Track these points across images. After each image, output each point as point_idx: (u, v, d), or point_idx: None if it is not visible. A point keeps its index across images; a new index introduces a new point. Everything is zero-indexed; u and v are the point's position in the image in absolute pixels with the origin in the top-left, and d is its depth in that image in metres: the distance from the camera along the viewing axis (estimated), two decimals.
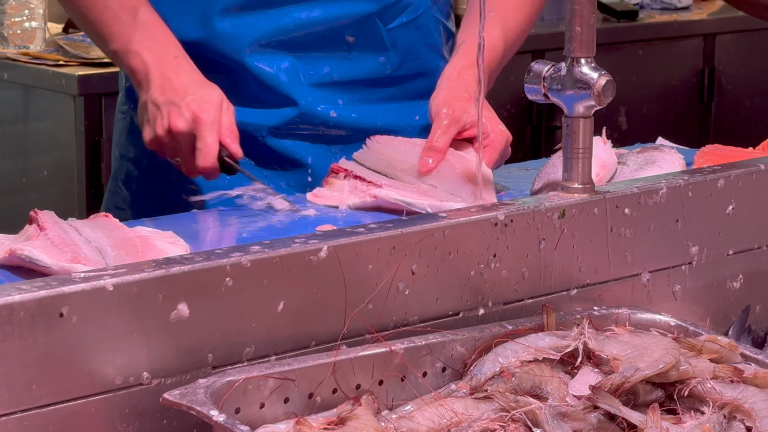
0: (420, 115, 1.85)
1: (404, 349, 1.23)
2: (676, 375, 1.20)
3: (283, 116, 1.80)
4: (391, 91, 1.86)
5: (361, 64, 1.82)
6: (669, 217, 1.46)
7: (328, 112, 1.81)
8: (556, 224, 1.37)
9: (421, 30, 1.86)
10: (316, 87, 1.80)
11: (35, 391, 1.08)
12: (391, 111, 1.85)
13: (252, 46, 1.77)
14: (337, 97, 1.82)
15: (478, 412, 1.17)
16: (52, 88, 2.99)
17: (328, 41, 1.80)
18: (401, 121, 1.85)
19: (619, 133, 3.85)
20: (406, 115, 1.86)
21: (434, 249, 1.29)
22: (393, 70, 1.84)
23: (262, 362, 1.19)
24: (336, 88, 1.81)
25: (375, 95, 1.84)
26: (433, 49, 1.88)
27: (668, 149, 1.76)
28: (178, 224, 1.55)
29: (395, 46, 1.83)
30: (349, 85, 1.82)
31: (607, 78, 1.39)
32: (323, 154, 1.82)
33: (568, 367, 1.26)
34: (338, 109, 1.81)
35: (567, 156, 1.42)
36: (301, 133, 1.81)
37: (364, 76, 1.83)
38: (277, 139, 1.81)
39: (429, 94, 1.77)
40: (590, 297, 1.40)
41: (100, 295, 1.10)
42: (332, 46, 1.80)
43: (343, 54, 1.81)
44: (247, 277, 1.18)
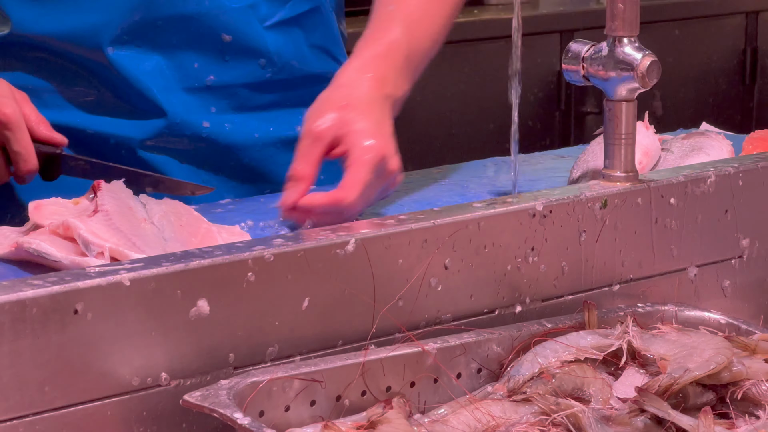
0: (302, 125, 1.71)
1: (437, 348, 1.24)
2: (729, 376, 1.21)
3: (148, 127, 1.71)
4: (272, 97, 1.76)
5: (238, 66, 1.73)
6: (718, 208, 1.47)
7: (200, 122, 1.72)
8: (597, 215, 1.38)
9: (306, 29, 1.76)
10: (187, 92, 1.72)
11: (48, 393, 1.10)
12: (271, 120, 1.76)
13: (114, 41, 1.68)
14: (210, 105, 1.73)
15: (517, 415, 1.18)
16: None
17: (202, 40, 1.70)
18: (281, 131, 1.76)
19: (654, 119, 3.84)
20: (286, 124, 1.76)
21: (468, 242, 1.30)
22: (273, 74, 1.74)
23: (286, 363, 1.20)
24: (209, 94, 1.73)
25: (252, 102, 1.75)
26: (321, 51, 1.78)
27: (715, 135, 1.76)
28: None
29: (277, 48, 1.74)
30: (224, 90, 1.73)
31: (652, 58, 1.40)
32: (196, 173, 1.73)
33: (612, 367, 1.27)
34: (211, 119, 1.72)
35: (608, 142, 1.43)
36: (171, 149, 1.73)
37: (242, 81, 1.73)
38: (143, 151, 1.72)
39: (310, 100, 1.58)
40: (634, 293, 1.41)
41: (117, 290, 1.11)
42: (206, 46, 1.71)
43: (218, 55, 1.72)
44: (270, 271, 1.19)
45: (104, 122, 1.72)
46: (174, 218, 1.40)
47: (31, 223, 1.41)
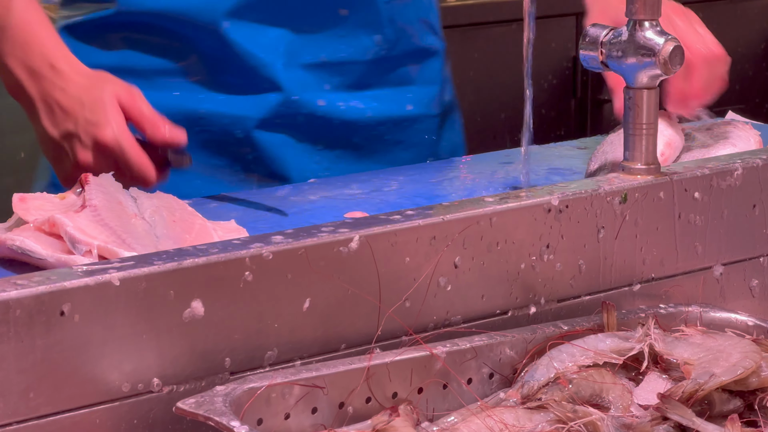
0: (413, 104, 1.84)
1: (446, 352, 1.24)
2: (757, 382, 1.21)
3: (263, 104, 1.76)
4: (384, 75, 1.83)
5: (353, 43, 1.79)
6: (745, 202, 1.47)
7: (315, 99, 1.78)
8: (616, 210, 1.38)
9: (417, 3, 1.83)
10: (304, 68, 1.77)
11: (33, 400, 1.10)
12: (381, 98, 1.82)
13: (230, 14, 1.72)
14: (325, 82, 1.79)
15: (531, 423, 1.18)
16: None
17: (320, 14, 1.76)
18: (391, 110, 1.83)
19: None
20: (396, 103, 1.83)
21: (480, 239, 1.30)
22: (388, 51, 1.81)
23: (286, 367, 1.20)
24: (325, 71, 1.78)
25: (366, 80, 1.81)
26: (426, 25, 1.85)
27: (742, 124, 1.76)
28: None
29: (392, 22, 1.79)
30: (339, 67, 1.79)
31: (675, 43, 1.40)
32: (310, 151, 1.80)
33: (633, 372, 1.27)
34: (326, 96, 1.78)
35: (628, 132, 1.43)
36: (283, 124, 1.78)
37: (357, 58, 1.80)
38: (256, 130, 1.77)
39: (421, 78, 1.76)
40: (656, 293, 1.41)
41: (106, 290, 1.11)
42: (324, 21, 1.76)
43: (335, 31, 1.77)
44: (268, 270, 1.19)
45: (217, 101, 1.75)
46: (167, 213, 1.40)
47: (15, 218, 1.41)
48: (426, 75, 1.87)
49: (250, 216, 1.56)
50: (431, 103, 1.88)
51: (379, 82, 1.83)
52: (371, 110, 1.82)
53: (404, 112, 1.84)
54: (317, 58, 1.77)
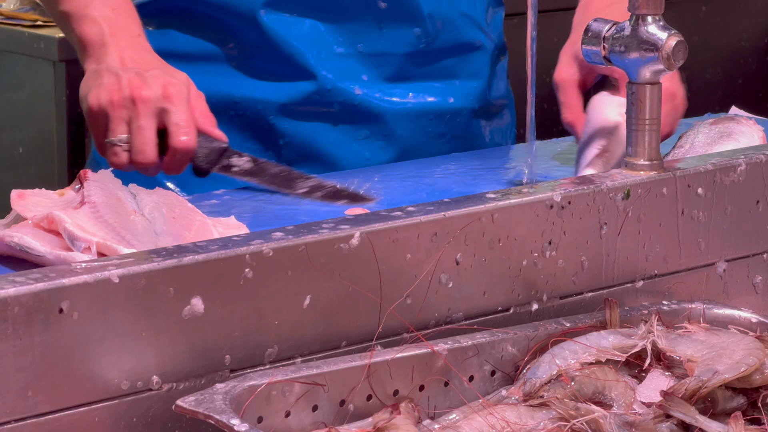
0: (455, 98, 1.85)
1: (448, 350, 1.24)
2: (761, 379, 1.21)
3: (297, 91, 1.78)
4: (424, 68, 1.84)
5: (392, 35, 1.80)
6: (749, 198, 1.46)
7: (351, 88, 1.80)
8: (619, 206, 1.38)
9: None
10: (339, 58, 1.79)
11: (31, 398, 1.09)
12: (422, 91, 1.84)
13: (267, 3, 1.76)
14: (362, 73, 1.81)
15: (533, 421, 1.18)
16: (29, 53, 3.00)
17: (358, 5, 1.78)
18: (433, 104, 1.84)
19: None
20: (439, 96, 1.85)
21: (481, 235, 1.30)
22: (428, 44, 1.83)
23: (286, 365, 1.20)
24: (361, 62, 1.80)
25: (405, 72, 1.83)
26: (469, 20, 1.86)
27: (745, 120, 1.76)
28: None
29: (432, 15, 1.81)
30: (377, 58, 1.81)
31: (678, 38, 1.39)
32: (345, 140, 1.81)
33: (635, 369, 1.27)
34: (363, 87, 1.80)
35: (632, 128, 1.42)
36: (318, 113, 1.80)
37: (395, 50, 1.81)
38: (289, 118, 1.79)
39: (464, 72, 1.77)
40: (659, 290, 1.41)
41: (105, 288, 1.11)
42: (361, 12, 1.79)
43: (373, 23, 1.80)
44: (268, 267, 1.19)
45: (253, 86, 1.77)
46: (166, 210, 1.40)
47: (14, 214, 1.40)
48: (470, 69, 1.87)
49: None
50: (475, 97, 1.89)
51: (419, 74, 1.84)
52: (411, 102, 1.83)
53: (446, 105, 1.85)
54: (354, 49, 1.79)
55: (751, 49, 4.01)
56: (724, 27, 3.95)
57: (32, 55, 2.99)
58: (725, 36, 3.95)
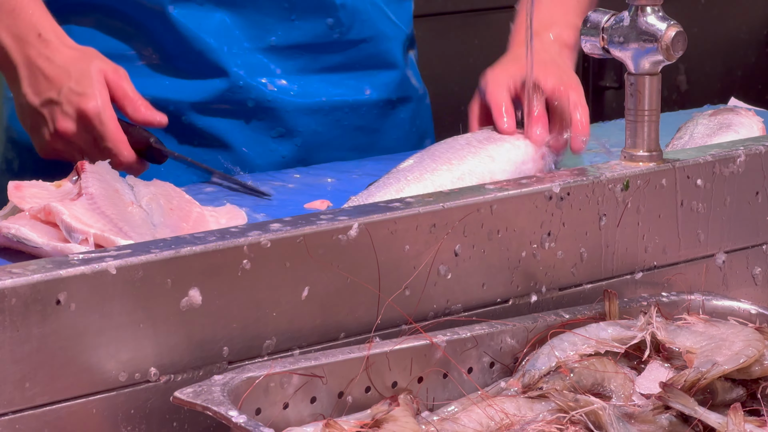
0: (372, 88, 1.83)
1: (447, 341, 1.24)
2: (760, 370, 1.21)
3: (209, 89, 1.76)
4: (338, 59, 1.82)
5: (304, 26, 1.78)
6: (748, 189, 1.46)
7: (264, 85, 1.77)
8: (618, 197, 1.38)
9: None
10: (250, 53, 1.77)
11: (28, 390, 1.09)
12: (337, 83, 1.82)
13: None
14: (275, 66, 1.78)
15: (532, 413, 1.18)
16: None
17: None
18: (349, 95, 1.82)
19: (678, 95, 3.85)
20: (354, 87, 1.83)
21: (480, 226, 1.30)
22: (341, 35, 1.80)
23: (284, 357, 1.19)
24: (273, 55, 1.78)
25: (319, 64, 1.81)
26: (380, 10, 1.85)
27: (744, 111, 1.76)
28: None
29: (344, 6, 1.79)
30: (290, 51, 1.78)
31: (677, 29, 1.39)
32: (260, 138, 1.79)
33: (634, 361, 1.27)
34: (275, 81, 1.78)
35: (631, 119, 1.42)
36: (231, 111, 1.77)
37: (308, 41, 1.79)
38: (203, 116, 1.77)
39: (379, 62, 1.75)
40: (658, 281, 1.41)
41: (102, 279, 1.11)
42: (272, 4, 1.76)
43: (284, 14, 1.77)
44: (266, 258, 1.19)
45: (164, 86, 1.74)
46: (164, 201, 1.40)
47: (11, 206, 1.40)
48: (385, 59, 1.85)
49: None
50: (391, 87, 1.87)
51: (333, 66, 1.81)
52: (325, 96, 1.81)
53: (362, 97, 1.83)
54: (266, 42, 1.77)
55: (750, 40, 4.01)
56: (723, 18, 3.94)
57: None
58: (724, 27, 3.95)
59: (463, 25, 3.39)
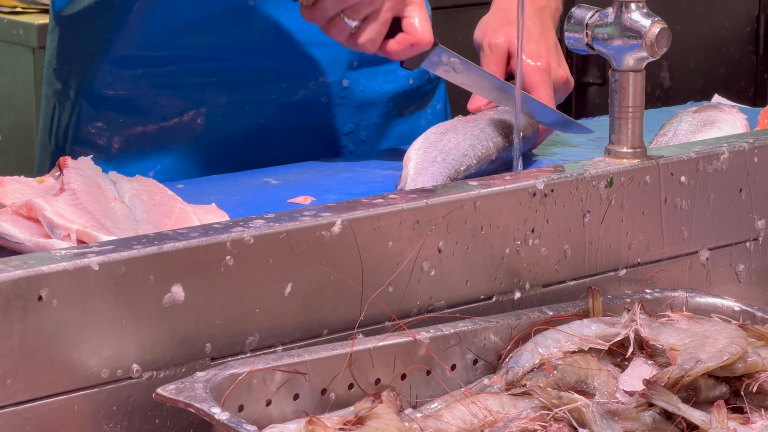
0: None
1: (430, 338, 1.24)
2: (744, 368, 1.21)
3: None
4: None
5: None
6: (732, 186, 1.46)
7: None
8: (602, 194, 1.38)
9: None
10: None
11: (10, 386, 1.09)
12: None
13: None
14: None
15: (516, 410, 1.17)
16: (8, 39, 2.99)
17: None
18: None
19: (661, 91, 3.85)
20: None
21: (464, 223, 1.29)
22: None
23: (267, 353, 1.19)
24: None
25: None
26: None
27: (728, 108, 1.76)
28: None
29: None
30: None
31: (662, 25, 1.39)
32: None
33: (618, 358, 1.27)
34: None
35: (614, 116, 1.42)
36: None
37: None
38: None
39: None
40: (642, 278, 1.41)
41: (84, 275, 1.11)
42: None
43: None
44: (250, 255, 1.18)
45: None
46: (147, 197, 1.39)
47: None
48: None
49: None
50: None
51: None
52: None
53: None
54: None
55: (733, 37, 4.01)
56: (706, 16, 3.95)
57: (12, 42, 2.99)
58: (708, 25, 3.95)
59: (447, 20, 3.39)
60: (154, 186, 1.44)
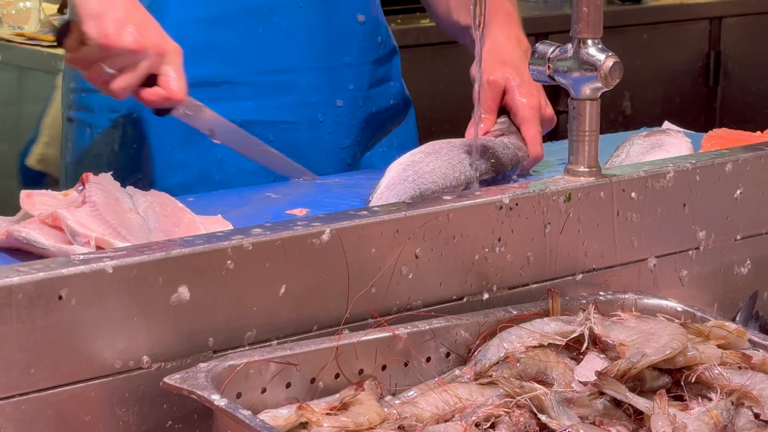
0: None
1: (407, 334, 1.23)
2: (684, 361, 1.20)
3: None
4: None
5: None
6: (676, 202, 1.46)
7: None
8: (561, 208, 1.37)
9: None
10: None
11: (33, 375, 1.09)
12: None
13: None
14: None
15: (483, 398, 1.17)
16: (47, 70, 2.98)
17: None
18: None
19: (623, 118, 3.85)
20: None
21: (438, 232, 1.29)
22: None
23: (263, 346, 1.19)
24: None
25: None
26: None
27: (675, 133, 1.76)
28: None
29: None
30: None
31: (615, 59, 1.39)
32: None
33: (574, 352, 1.26)
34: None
35: (573, 139, 1.42)
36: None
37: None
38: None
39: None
40: (596, 282, 1.40)
41: (100, 277, 1.10)
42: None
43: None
44: (248, 260, 1.18)
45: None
46: (159, 209, 1.39)
47: (22, 212, 1.40)
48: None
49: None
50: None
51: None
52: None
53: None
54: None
55: (687, 71, 4.02)
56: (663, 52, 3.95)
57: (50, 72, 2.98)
58: (664, 60, 3.96)
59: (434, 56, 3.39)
60: (166, 199, 1.44)
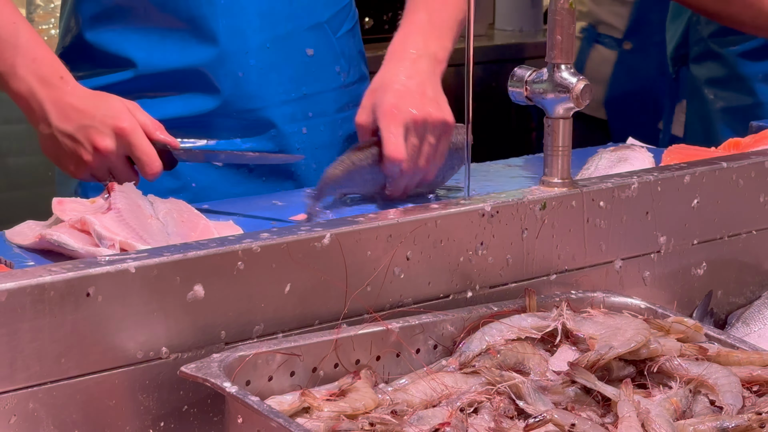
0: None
1: (399, 328, 1.23)
2: (647, 353, 1.20)
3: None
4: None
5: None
6: (640, 210, 1.46)
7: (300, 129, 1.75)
8: (537, 215, 1.37)
9: (356, 38, 1.82)
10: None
11: (64, 364, 1.08)
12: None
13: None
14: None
15: (467, 385, 1.17)
16: None
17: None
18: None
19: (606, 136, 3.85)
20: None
21: (427, 237, 1.29)
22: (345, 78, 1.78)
23: (270, 339, 1.18)
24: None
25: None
26: (362, 56, 1.85)
27: (638, 148, 1.76)
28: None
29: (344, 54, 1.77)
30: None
31: (585, 82, 1.38)
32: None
33: (548, 345, 1.26)
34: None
35: (548, 153, 1.41)
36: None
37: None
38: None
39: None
40: (568, 282, 1.40)
41: (124, 276, 1.10)
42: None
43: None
44: (257, 261, 1.17)
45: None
46: (177, 215, 1.38)
47: (54, 218, 1.39)
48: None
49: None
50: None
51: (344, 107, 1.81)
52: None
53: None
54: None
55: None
56: None
57: None
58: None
59: None
60: (183, 206, 1.43)
